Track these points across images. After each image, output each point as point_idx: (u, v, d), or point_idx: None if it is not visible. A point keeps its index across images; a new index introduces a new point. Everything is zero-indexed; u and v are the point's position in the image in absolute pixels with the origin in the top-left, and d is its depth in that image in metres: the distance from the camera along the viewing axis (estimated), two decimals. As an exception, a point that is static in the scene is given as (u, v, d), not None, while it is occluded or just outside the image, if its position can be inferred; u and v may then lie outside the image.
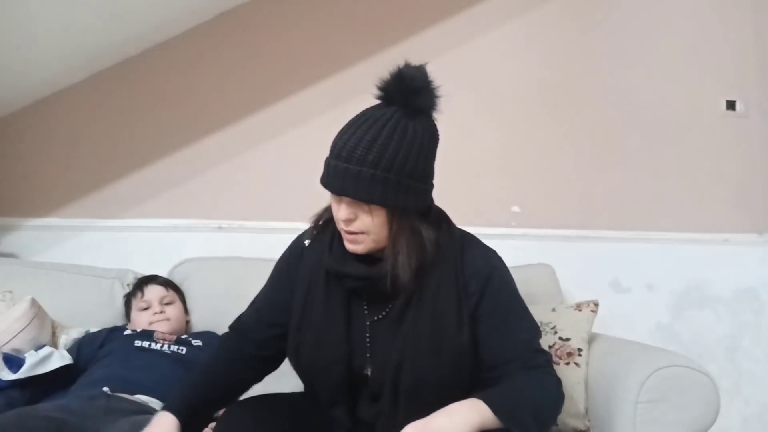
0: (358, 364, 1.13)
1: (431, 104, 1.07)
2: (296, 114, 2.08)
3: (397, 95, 1.05)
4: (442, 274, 1.11)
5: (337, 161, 1.03)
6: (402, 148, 1.02)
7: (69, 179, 1.98)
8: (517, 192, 2.20)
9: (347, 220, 1.05)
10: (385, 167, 1.01)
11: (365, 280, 1.10)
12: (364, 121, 1.04)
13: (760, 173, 2.34)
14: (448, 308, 1.09)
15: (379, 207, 1.03)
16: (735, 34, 2.36)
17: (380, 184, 1.01)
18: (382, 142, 1.01)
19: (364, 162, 1.00)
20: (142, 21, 1.87)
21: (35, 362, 1.40)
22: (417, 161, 1.03)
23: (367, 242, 1.07)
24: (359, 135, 1.02)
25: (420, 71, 1.07)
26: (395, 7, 2.16)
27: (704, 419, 1.33)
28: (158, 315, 1.63)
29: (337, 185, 1.03)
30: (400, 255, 1.05)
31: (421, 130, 1.05)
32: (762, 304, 2.30)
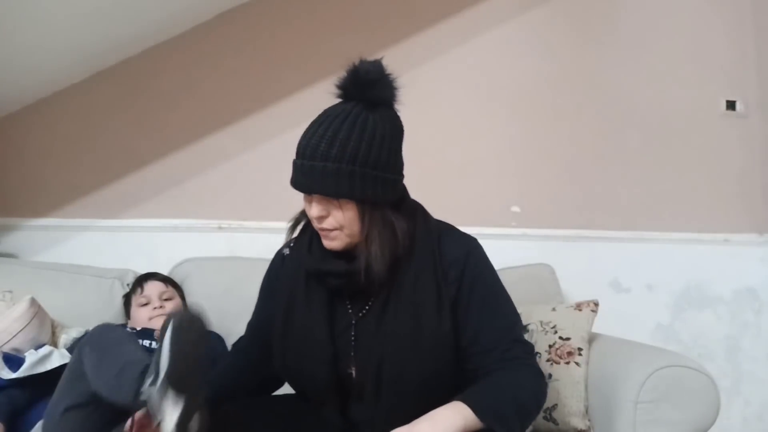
0: (344, 364, 1.12)
1: (389, 95, 1.09)
2: (296, 114, 2.06)
3: (354, 90, 1.08)
4: (420, 265, 1.10)
5: (303, 160, 1.05)
6: (364, 140, 1.03)
7: (69, 179, 1.98)
8: (517, 192, 2.20)
9: (320, 218, 1.06)
10: (349, 160, 1.01)
11: (345, 276, 1.09)
12: (324, 119, 1.06)
13: (760, 173, 2.34)
14: (428, 298, 1.09)
15: (349, 201, 1.04)
16: (735, 34, 2.36)
17: (346, 178, 1.02)
18: (343, 135, 1.02)
19: (328, 157, 1.02)
20: (142, 21, 1.88)
21: (35, 361, 1.40)
22: (380, 152, 1.04)
23: (342, 238, 1.07)
24: (321, 132, 1.04)
25: (375, 65, 1.09)
26: (395, 7, 2.16)
27: (704, 419, 1.33)
28: (158, 310, 1.62)
29: (305, 184, 1.05)
30: (374, 246, 1.05)
31: (381, 122, 1.06)
32: (762, 304, 2.30)
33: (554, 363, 1.53)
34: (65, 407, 1.11)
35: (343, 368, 1.12)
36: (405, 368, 1.06)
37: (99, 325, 1.23)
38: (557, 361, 1.53)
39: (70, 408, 1.10)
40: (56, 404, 1.13)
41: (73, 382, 1.13)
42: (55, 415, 1.11)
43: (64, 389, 1.14)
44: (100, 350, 1.11)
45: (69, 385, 1.14)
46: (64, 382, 1.16)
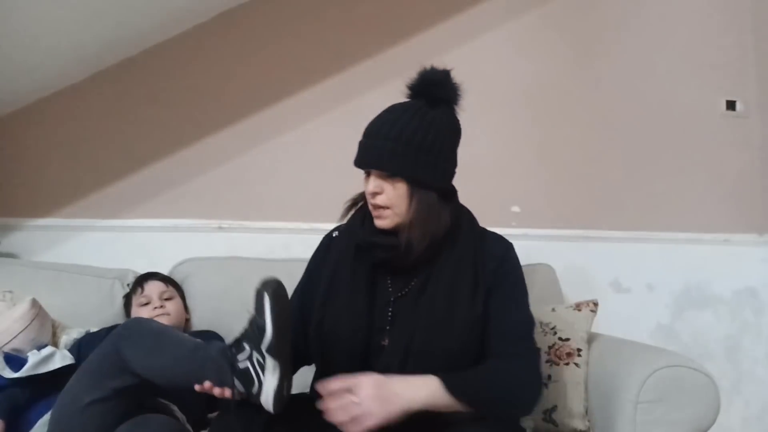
0: (379, 336, 1.19)
1: (450, 96, 1.21)
2: (296, 114, 2.08)
3: (419, 88, 1.21)
4: (462, 254, 1.20)
5: (366, 139, 1.19)
6: (421, 127, 1.15)
7: (69, 179, 1.97)
8: (517, 192, 2.20)
9: (374, 194, 1.17)
10: (405, 142, 1.14)
11: (391, 249, 1.18)
12: (391, 110, 1.20)
13: (760, 173, 2.34)
14: (465, 284, 1.18)
15: (401, 180, 1.15)
16: (735, 34, 2.36)
17: (400, 157, 1.14)
18: (404, 121, 1.15)
19: (388, 137, 1.15)
20: (142, 21, 1.88)
21: (37, 361, 1.40)
22: (435, 141, 1.16)
23: (392, 216, 1.18)
24: (385, 118, 1.18)
25: (442, 70, 1.22)
26: (395, 7, 2.16)
27: (704, 419, 1.33)
28: (158, 309, 1.62)
29: (364, 159, 1.18)
30: (416, 226, 1.16)
31: (439, 116, 1.19)
32: (762, 304, 2.30)
33: (554, 364, 1.53)
34: (90, 401, 1.14)
35: (377, 340, 1.19)
36: (433, 344, 1.14)
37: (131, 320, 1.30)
38: (557, 362, 1.53)
39: (96, 402, 1.14)
40: (77, 397, 1.16)
41: (99, 377, 1.16)
42: (75, 408, 1.15)
43: (87, 384, 1.17)
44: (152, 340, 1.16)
45: (93, 379, 1.17)
46: (86, 376, 1.18)
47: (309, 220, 1.99)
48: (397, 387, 1.06)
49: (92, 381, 1.17)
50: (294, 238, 1.95)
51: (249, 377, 1.03)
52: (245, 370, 1.03)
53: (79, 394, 1.17)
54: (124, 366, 1.15)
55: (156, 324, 1.24)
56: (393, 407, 1.04)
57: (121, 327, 1.22)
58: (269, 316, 1.02)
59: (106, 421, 1.15)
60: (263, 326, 1.02)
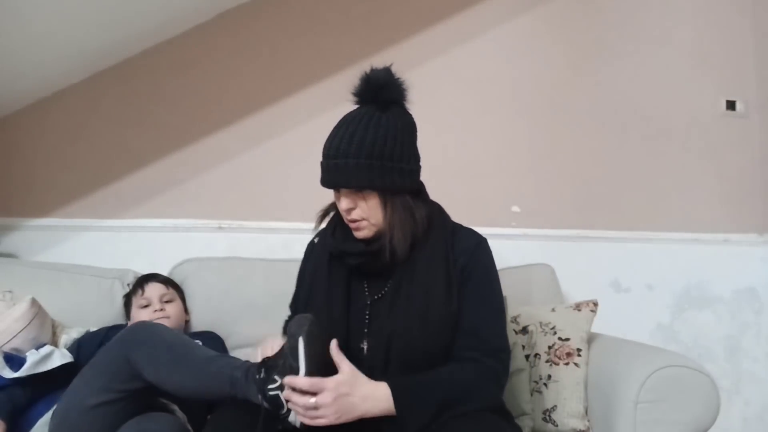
0: (357, 339, 1.21)
1: (398, 96, 1.23)
2: (296, 114, 2.08)
3: (366, 94, 1.22)
4: (433, 251, 1.22)
5: (327, 160, 1.19)
6: (378, 136, 1.16)
7: (69, 179, 1.97)
8: (517, 192, 2.20)
9: (348, 210, 1.19)
10: (366, 155, 1.15)
11: (362, 255, 1.22)
12: (343, 123, 1.21)
13: (760, 173, 2.34)
14: (438, 281, 1.20)
15: (371, 191, 1.17)
16: (735, 34, 2.36)
17: (365, 171, 1.15)
18: (360, 134, 1.16)
19: (348, 154, 1.15)
20: (142, 21, 1.88)
21: (37, 360, 1.40)
22: (394, 145, 1.17)
23: (369, 227, 1.20)
24: (341, 134, 1.18)
25: (384, 70, 1.23)
26: (395, 7, 2.16)
27: (704, 419, 1.33)
28: (158, 312, 1.62)
29: (330, 180, 1.19)
30: (396, 230, 1.17)
31: (393, 119, 1.19)
32: (762, 304, 2.30)
33: (553, 364, 1.53)
34: (97, 403, 1.15)
35: (356, 343, 1.21)
36: (412, 344, 1.16)
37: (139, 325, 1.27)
38: (556, 362, 1.53)
39: (102, 404, 1.16)
40: (83, 399, 1.17)
41: (106, 381, 1.17)
42: (80, 409, 1.16)
43: (94, 387, 1.17)
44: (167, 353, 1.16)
45: (100, 382, 1.17)
46: (92, 379, 1.19)
47: (309, 220, 1.97)
48: (357, 398, 1.07)
49: (99, 384, 1.17)
50: (294, 238, 1.94)
51: (278, 403, 1.07)
52: (275, 396, 1.07)
53: (84, 396, 1.17)
54: (134, 373, 1.16)
55: (167, 333, 1.24)
56: (346, 416, 1.06)
57: (130, 333, 1.22)
58: (303, 360, 1.05)
59: (111, 422, 1.16)
60: (297, 368, 1.05)
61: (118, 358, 1.18)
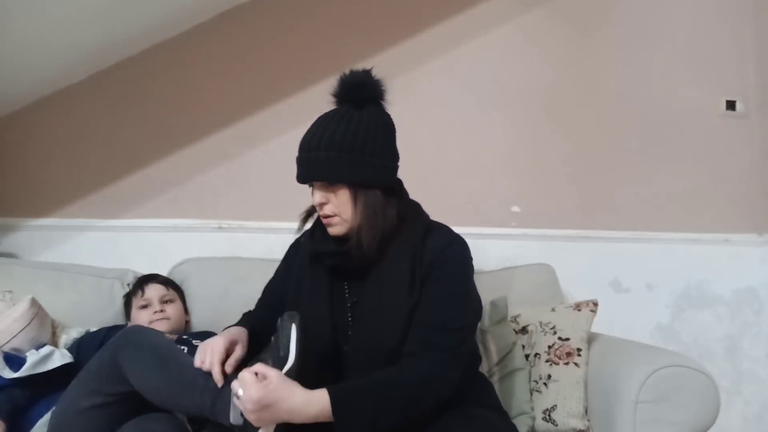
0: (342, 340, 1.22)
1: (374, 94, 1.23)
2: (296, 114, 2.07)
3: (343, 93, 1.24)
4: (402, 249, 1.21)
5: (300, 154, 1.21)
6: (350, 131, 1.17)
7: (69, 179, 1.98)
8: (517, 192, 2.20)
9: (320, 204, 1.20)
10: (338, 148, 1.16)
11: (337, 256, 1.22)
12: (320, 120, 1.22)
13: (760, 173, 2.34)
14: (402, 278, 1.18)
15: (342, 186, 1.18)
16: (735, 34, 2.36)
17: (335, 164, 1.16)
18: (332, 129, 1.18)
19: (319, 148, 1.17)
20: (142, 21, 1.88)
21: (36, 361, 1.40)
22: (365, 140, 1.18)
23: (342, 223, 1.20)
24: (314, 129, 1.21)
25: (363, 71, 1.24)
26: (395, 7, 2.16)
27: (704, 419, 1.33)
28: (158, 314, 1.62)
29: (303, 173, 1.21)
30: (363, 228, 1.17)
31: (367, 116, 1.20)
32: (762, 304, 2.30)
33: (553, 364, 1.53)
34: (90, 405, 1.16)
35: (342, 344, 1.22)
36: (383, 343, 1.16)
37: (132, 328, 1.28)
38: (556, 362, 1.53)
39: (96, 407, 1.16)
40: (77, 401, 1.17)
41: (98, 383, 1.17)
42: (75, 411, 1.16)
43: (87, 389, 1.17)
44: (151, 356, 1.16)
45: (93, 385, 1.18)
46: (86, 381, 1.19)
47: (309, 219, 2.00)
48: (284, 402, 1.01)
49: (92, 386, 1.18)
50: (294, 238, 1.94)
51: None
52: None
53: (78, 398, 1.18)
54: (122, 376, 1.16)
55: (155, 337, 1.23)
56: (268, 416, 1.01)
57: (119, 338, 1.22)
58: (293, 345, 1.06)
59: (105, 424, 1.16)
60: (286, 354, 1.05)
61: (108, 361, 1.18)
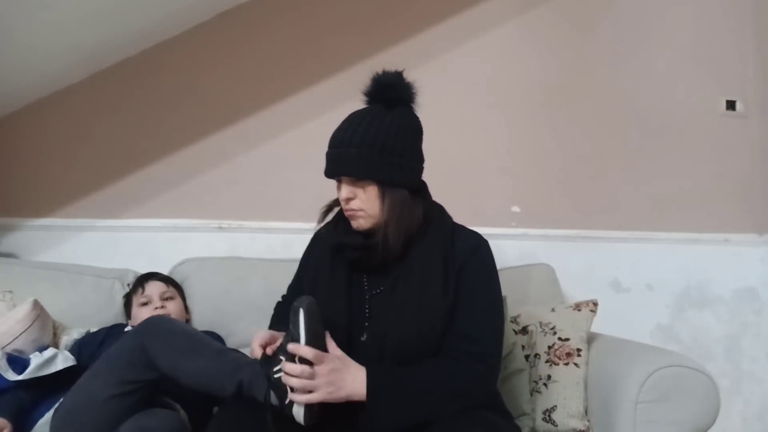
0: (357, 332, 1.23)
1: (405, 96, 1.27)
2: (296, 114, 2.08)
3: (375, 93, 1.27)
4: (431, 248, 1.24)
5: (330, 149, 1.24)
6: (381, 131, 1.20)
7: (69, 179, 1.98)
8: (517, 192, 2.20)
9: (347, 199, 1.22)
10: (369, 146, 1.19)
11: (361, 249, 1.24)
12: (351, 118, 1.25)
13: (760, 173, 2.34)
14: (435, 277, 1.21)
15: (370, 182, 1.21)
16: (735, 34, 2.36)
17: (366, 161, 1.19)
18: (364, 127, 1.20)
19: (350, 144, 1.20)
20: (142, 21, 1.88)
21: (40, 363, 1.40)
22: (396, 141, 1.21)
23: (366, 218, 1.23)
24: (346, 126, 1.23)
25: (394, 73, 1.27)
26: (395, 7, 2.16)
27: (704, 419, 1.34)
28: (159, 310, 1.62)
29: (332, 168, 1.23)
30: (390, 224, 1.20)
31: (398, 117, 1.23)
32: (762, 304, 2.30)
33: (553, 364, 1.53)
34: (110, 395, 1.18)
35: (357, 336, 1.23)
36: (407, 338, 1.17)
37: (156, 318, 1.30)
38: (556, 362, 1.53)
39: (114, 397, 1.18)
40: (96, 392, 1.19)
41: (119, 371, 1.19)
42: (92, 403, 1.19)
43: (106, 379, 1.20)
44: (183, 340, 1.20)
45: (113, 374, 1.19)
46: (105, 372, 1.21)
47: (309, 220, 1.97)
48: (348, 376, 1.09)
49: (112, 377, 1.20)
50: (294, 238, 1.94)
51: (282, 388, 1.08)
52: (279, 380, 1.08)
53: (96, 389, 1.20)
54: (148, 362, 1.18)
55: (180, 324, 1.28)
56: (336, 393, 1.08)
57: (145, 325, 1.25)
58: (303, 328, 1.07)
59: (118, 416, 1.18)
60: (297, 337, 1.07)
61: (133, 348, 1.20)
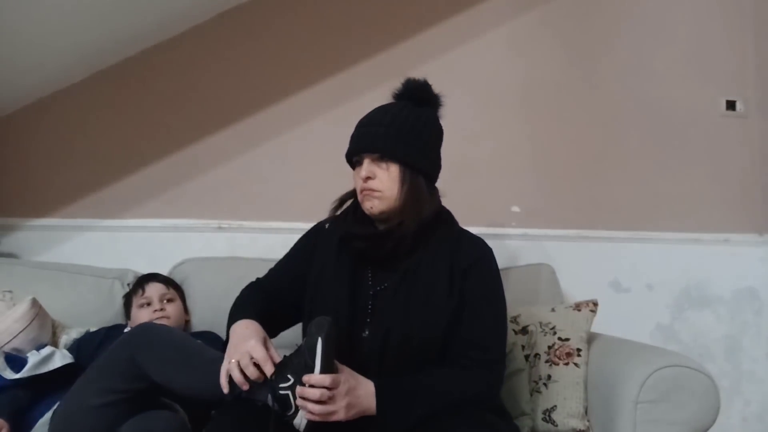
0: (359, 327, 1.23)
1: (433, 98, 1.31)
2: (296, 114, 2.08)
3: (405, 93, 1.31)
4: (438, 249, 1.25)
5: (358, 129, 1.28)
6: (411, 116, 1.25)
7: (69, 179, 1.97)
8: (517, 192, 2.20)
9: (366, 178, 1.23)
10: (397, 127, 1.23)
11: (369, 239, 1.25)
12: (381, 106, 1.29)
13: (760, 173, 2.34)
14: (441, 278, 1.23)
15: (393, 164, 1.23)
16: (735, 34, 2.36)
17: (392, 140, 1.22)
18: (393, 112, 1.25)
19: (380, 124, 1.24)
20: (142, 21, 1.88)
21: (37, 362, 1.40)
22: (423, 129, 1.26)
23: (382, 200, 1.24)
24: (375, 111, 1.29)
25: (423, 80, 1.32)
26: (395, 8, 2.16)
27: (704, 419, 1.33)
28: (158, 312, 1.62)
29: (357, 145, 1.26)
30: (406, 210, 1.23)
31: (426, 114, 1.29)
32: (762, 304, 2.30)
33: (553, 364, 1.53)
34: (102, 403, 1.17)
35: (359, 331, 1.23)
36: (410, 334, 1.18)
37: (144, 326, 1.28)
38: (556, 363, 1.53)
39: (106, 405, 1.17)
40: (86, 399, 1.18)
41: (110, 382, 1.18)
42: (83, 410, 1.17)
43: (97, 387, 1.18)
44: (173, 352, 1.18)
45: (103, 383, 1.18)
46: (96, 380, 1.20)
47: (309, 220, 1.98)
48: (362, 392, 1.10)
49: (103, 385, 1.18)
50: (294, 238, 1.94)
51: (287, 403, 1.08)
52: (285, 396, 1.08)
53: (88, 396, 1.18)
54: (139, 373, 1.17)
55: (172, 334, 1.25)
56: (354, 410, 1.08)
57: (134, 334, 1.23)
58: (320, 359, 1.06)
59: (113, 421, 1.17)
60: (312, 366, 1.06)
61: (123, 359, 1.18)
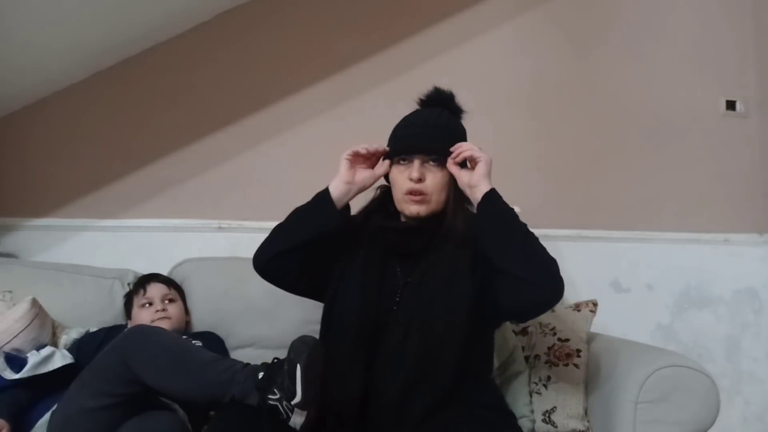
0: (384, 315, 1.26)
1: (460, 111, 1.37)
2: (296, 114, 2.08)
3: (438, 100, 1.35)
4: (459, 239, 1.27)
5: (413, 128, 1.30)
6: (458, 125, 1.32)
7: (69, 179, 1.97)
8: (517, 192, 2.19)
9: (418, 180, 1.25)
10: (450, 132, 1.28)
11: (402, 233, 1.29)
12: (426, 109, 1.33)
13: (760, 173, 2.34)
14: (463, 264, 1.25)
15: (443, 168, 1.26)
16: (735, 35, 2.36)
17: (448, 145, 1.26)
18: (446, 117, 1.30)
19: (436, 126, 1.27)
20: (142, 21, 1.88)
21: (38, 362, 1.40)
22: (463, 135, 1.32)
23: (429, 203, 1.27)
24: (424, 112, 1.32)
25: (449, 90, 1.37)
26: (395, 7, 2.16)
27: (704, 419, 1.34)
28: (160, 312, 1.62)
29: (417, 145, 1.27)
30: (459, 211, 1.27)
31: (460, 124, 1.34)
32: (762, 304, 2.30)
33: (553, 365, 1.53)
34: (97, 406, 1.16)
35: (384, 320, 1.26)
36: (432, 321, 1.21)
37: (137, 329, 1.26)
38: (556, 363, 1.53)
39: (103, 407, 1.16)
40: (82, 402, 1.17)
41: (104, 386, 1.17)
42: (80, 412, 1.17)
43: (91, 392, 1.17)
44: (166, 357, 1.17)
45: (98, 388, 1.17)
46: (90, 385, 1.19)
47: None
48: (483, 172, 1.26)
49: (97, 388, 1.17)
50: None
51: (278, 411, 1.09)
52: (275, 407, 1.09)
53: (83, 399, 1.17)
54: (133, 378, 1.16)
55: (165, 337, 1.24)
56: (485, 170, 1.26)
57: (127, 338, 1.22)
58: (300, 385, 1.07)
59: (110, 424, 1.17)
60: (294, 391, 1.07)
61: (116, 363, 1.17)
